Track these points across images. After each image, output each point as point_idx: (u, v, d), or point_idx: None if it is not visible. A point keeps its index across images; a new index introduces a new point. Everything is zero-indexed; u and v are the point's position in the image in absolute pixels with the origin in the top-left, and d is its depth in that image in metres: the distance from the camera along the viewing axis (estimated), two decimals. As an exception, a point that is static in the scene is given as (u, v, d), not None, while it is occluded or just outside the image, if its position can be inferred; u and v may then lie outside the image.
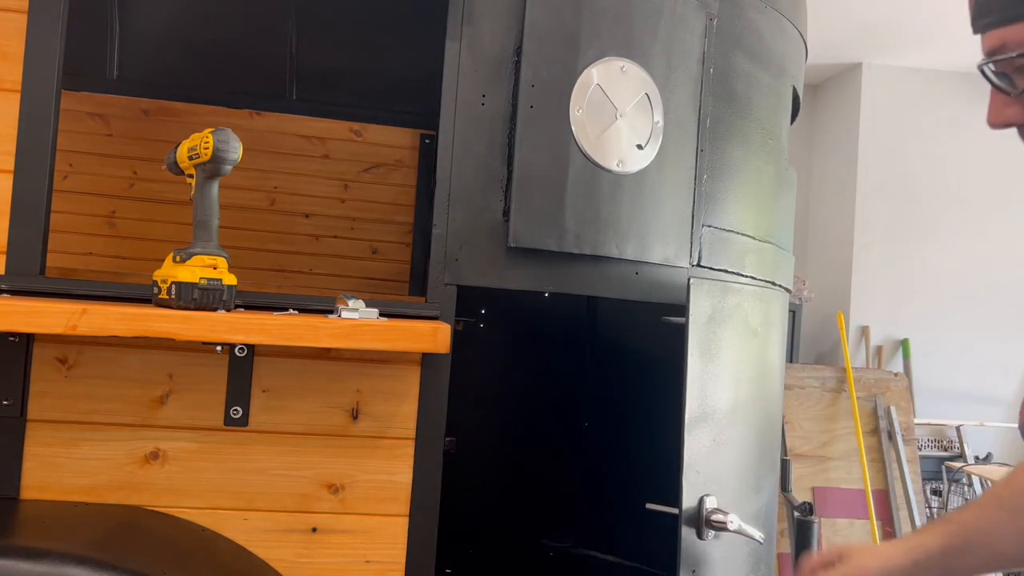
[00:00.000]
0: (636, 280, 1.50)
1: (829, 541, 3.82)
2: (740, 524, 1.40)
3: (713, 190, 1.59)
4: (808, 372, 4.04)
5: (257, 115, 2.54)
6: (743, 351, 1.57)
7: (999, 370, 4.51)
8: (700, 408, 1.45)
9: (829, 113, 4.82)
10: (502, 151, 1.40)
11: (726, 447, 1.51)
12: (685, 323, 1.41)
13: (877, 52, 4.38)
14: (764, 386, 1.68)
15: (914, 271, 4.49)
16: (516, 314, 2.28)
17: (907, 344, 4.44)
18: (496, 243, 1.39)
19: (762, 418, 1.67)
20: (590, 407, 2.26)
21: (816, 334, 4.62)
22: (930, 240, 4.50)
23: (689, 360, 1.42)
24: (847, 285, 4.49)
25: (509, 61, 1.40)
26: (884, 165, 4.51)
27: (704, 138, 1.57)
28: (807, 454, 3.91)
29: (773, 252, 1.80)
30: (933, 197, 4.51)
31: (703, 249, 1.57)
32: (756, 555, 1.62)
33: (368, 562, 1.33)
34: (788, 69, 1.83)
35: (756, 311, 1.60)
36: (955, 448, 4.40)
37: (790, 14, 1.82)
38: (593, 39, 1.44)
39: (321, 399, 1.33)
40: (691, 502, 1.40)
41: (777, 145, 1.81)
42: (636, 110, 1.47)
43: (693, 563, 1.41)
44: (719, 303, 1.50)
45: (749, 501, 1.56)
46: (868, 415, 4.03)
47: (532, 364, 2.35)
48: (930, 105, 4.54)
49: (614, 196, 1.46)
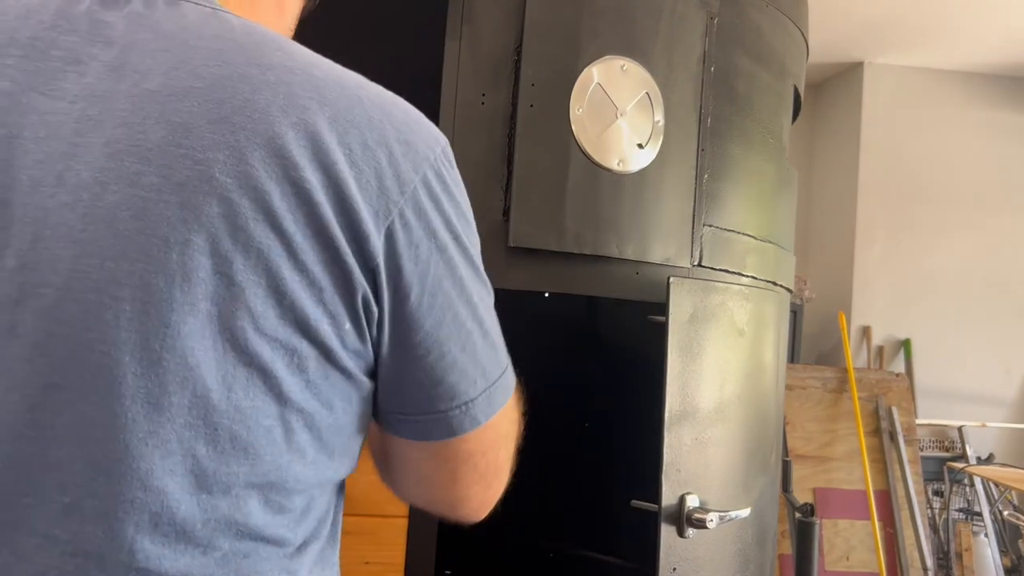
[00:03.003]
0: (636, 280, 1.49)
1: (830, 542, 3.82)
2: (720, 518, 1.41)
3: (714, 189, 1.59)
4: (809, 372, 4.04)
5: (257, 114, 2.53)
6: (728, 350, 1.57)
7: (1001, 371, 4.51)
8: (681, 406, 1.44)
9: (830, 112, 4.82)
10: (502, 150, 1.39)
11: (709, 446, 1.50)
12: (665, 322, 1.41)
13: (879, 51, 4.38)
14: (754, 385, 1.67)
15: (916, 271, 4.49)
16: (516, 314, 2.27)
17: (909, 344, 4.44)
18: (496, 243, 1.39)
19: (753, 417, 1.66)
20: (590, 407, 2.26)
21: (817, 334, 4.61)
22: (932, 240, 4.50)
23: (669, 359, 1.42)
24: (848, 285, 4.48)
25: (509, 60, 1.40)
26: (886, 165, 4.50)
27: (705, 137, 1.56)
28: (808, 455, 3.91)
29: (774, 252, 1.80)
30: (935, 197, 4.51)
31: (704, 249, 1.57)
32: (745, 555, 1.61)
33: (367, 563, 1.33)
34: (789, 68, 1.83)
35: (742, 310, 1.60)
36: (957, 449, 4.39)
37: (791, 13, 1.82)
38: (593, 38, 1.43)
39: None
40: (671, 500, 1.40)
41: (778, 144, 1.80)
42: (637, 109, 1.47)
43: (675, 561, 1.40)
44: (701, 302, 1.49)
45: (737, 499, 1.55)
46: (869, 416, 4.02)
47: (532, 364, 2.34)
48: (932, 105, 4.53)
49: (614, 196, 1.45)
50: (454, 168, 0.66)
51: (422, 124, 0.65)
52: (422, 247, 0.61)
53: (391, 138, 0.61)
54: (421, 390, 0.65)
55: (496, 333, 0.70)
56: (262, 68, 0.59)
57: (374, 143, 0.60)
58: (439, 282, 0.63)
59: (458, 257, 0.64)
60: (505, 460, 0.76)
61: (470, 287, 0.66)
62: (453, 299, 0.64)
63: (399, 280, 0.61)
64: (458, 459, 0.71)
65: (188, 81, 0.57)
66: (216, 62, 0.58)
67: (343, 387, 0.62)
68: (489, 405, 0.69)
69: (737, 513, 1.46)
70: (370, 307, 0.60)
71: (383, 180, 0.59)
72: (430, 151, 0.63)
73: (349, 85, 0.62)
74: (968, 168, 4.52)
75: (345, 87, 0.62)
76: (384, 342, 0.63)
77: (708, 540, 1.47)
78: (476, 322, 0.66)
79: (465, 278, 0.65)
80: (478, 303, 0.67)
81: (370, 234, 0.58)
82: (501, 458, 0.75)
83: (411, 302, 0.62)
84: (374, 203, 0.59)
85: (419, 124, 0.64)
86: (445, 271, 0.63)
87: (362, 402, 0.65)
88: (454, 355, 0.65)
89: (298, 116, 0.57)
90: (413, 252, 0.61)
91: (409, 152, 0.61)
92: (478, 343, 0.67)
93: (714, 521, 1.40)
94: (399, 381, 0.65)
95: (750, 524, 1.62)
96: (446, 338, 0.64)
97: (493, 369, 0.69)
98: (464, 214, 0.66)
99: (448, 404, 0.66)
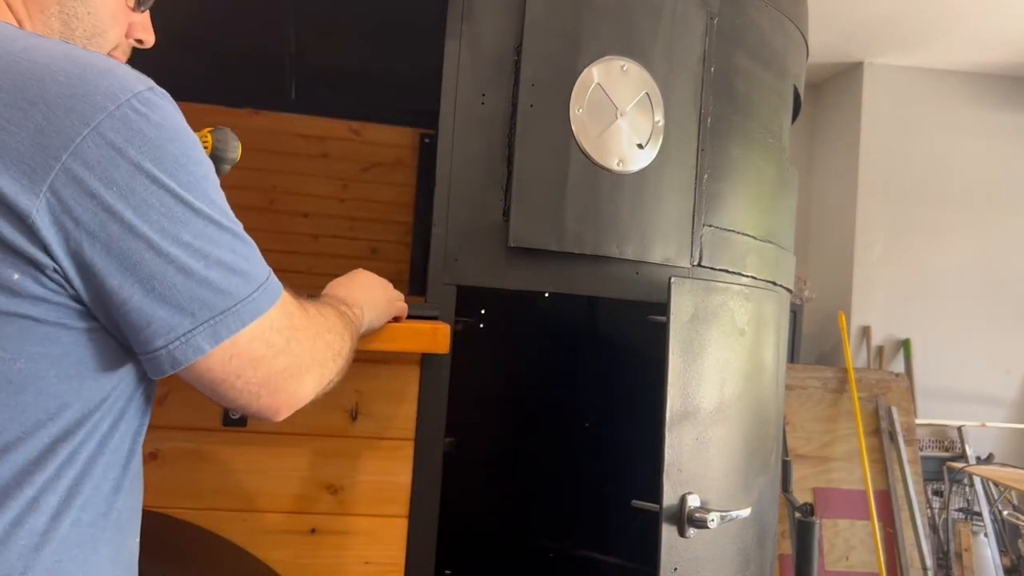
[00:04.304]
0: (636, 280, 1.49)
1: (830, 542, 3.82)
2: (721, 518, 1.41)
3: (714, 190, 1.59)
4: (809, 372, 4.03)
5: (256, 114, 2.53)
6: (729, 350, 1.56)
7: (1001, 370, 4.50)
8: (682, 406, 1.44)
9: (830, 112, 4.81)
10: (502, 150, 1.39)
11: (710, 446, 1.50)
12: (666, 322, 1.41)
13: (879, 51, 4.38)
14: (754, 385, 1.67)
15: (916, 271, 4.48)
16: (516, 314, 2.27)
17: (908, 344, 4.43)
18: (496, 243, 1.38)
19: (752, 417, 1.66)
20: (591, 407, 2.26)
21: (817, 334, 4.61)
22: (932, 240, 4.50)
23: (671, 359, 1.41)
24: (848, 285, 4.48)
25: (509, 60, 1.40)
26: (885, 165, 4.50)
27: (705, 137, 1.56)
28: (808, 455, 3.91)
29: (774, 252, 1.79)
30: (935, 197, 4.50)
31: (704, 249, 1.57)
32: (745, 554, 1.61)
33: (367, 563, 1.33)
34: (789, 68, 1.83)
35: (743, 310, 1.60)
36: (956, 449, 4.39)
37: (791, 13, 1.82)
38: (593, 38, 1.43)
39: (320, 399, 1.32)
40: (672, 500, 1.40)
41: (778, 144, 1.80)
42: (637, 109, 1.47)
43: (676, 560, 1.40)
44: (702, 302, 1.49)
45: (737, 499, 1.55)
46: (869, 416, 4.02)
47: (532, 364, 2.34)
48: (932, 104, 4.53)
49: (614, 196, 1.45)
50: (153, 110, 0.70)
51: (104, 77, 0.69)
52: (92, 199, 0.66)
53: (51, 96, 0.66)
54: (137, 332, 0.71)
55: (219, 264, 0.73)
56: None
57: (27, 103, 0.65)
58: (109, 228, 0.67)
59: (152, 198, 0.68)
60: (274, 375, 0.79)
61: (167, 226, 0.69)
62: (133, 244, 0.68)
63: (66, 234, 0.66)
64: (210, 384, 0.77)
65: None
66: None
67: (29, 331, 0.68)
68: (214, 335, 0.73)
69: (738, 513, 1.46)
70: (38, 259, 0.66)
71: (39, 137, 0.65)
72: (108, 101, 0.67)
73: (13, 52, 0.69)
74: (968, 168, 4.52)
75: (10, 55, 0.68)
76: (80, 290, 0.69)
77: (709, 540, 1.47)
78: (169, 261, 0.70)
79: (155, 218, 0.69)
80: (178, 241, 0.70)
81: (17, 192, 0.64)
82: (263, 375, 0.78)
83: (84, 253, 0.67)
84: (27, 160, 0.64)
85: (99, 78, 0.68)
86: (119, 217, 0.67)
87: (74, 344, 0.70)
88: (144, 297, 0.70)
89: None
90: (83, 205, 0.66)
91: (77, 106, 0.66)
92: (178, 281, 0.70)
93: (715, 521, 1.40)
94: (120, 326, 0.71)
95: (750, 524, 1.62)
96: (133, 282, 0.69)
97: (216, 301, 0.73)
98: (166, 153, 0.70)
99: (164, 340, 0.71)
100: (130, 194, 0.67)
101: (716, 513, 1.41)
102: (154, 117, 0.70)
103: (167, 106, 0.72)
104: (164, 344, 0.71)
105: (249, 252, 0.77)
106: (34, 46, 0.70)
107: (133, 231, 0.68)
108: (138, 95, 0.69)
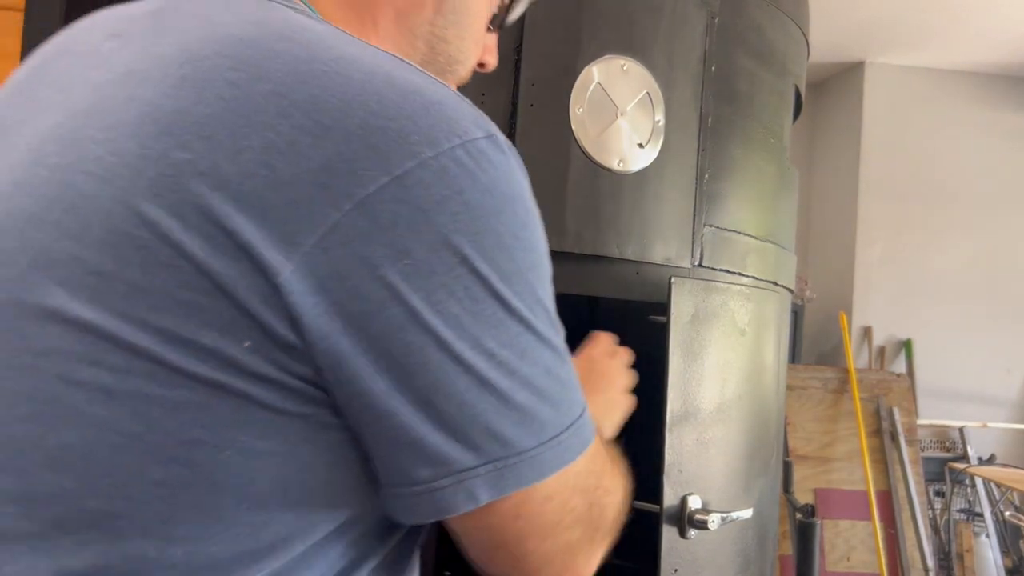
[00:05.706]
0: (637, 280, 1.49)
1: (831, 543, 3.81)
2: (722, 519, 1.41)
3: (715, 189, 1.58)
4: (810, 373, 4.03)
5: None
6: (730, 350, 1.56)
7: (1002, 371, 4.50)
8: (683, 407, 1.44)
9: (831, 112, 4.81)
10: (502, 150, 1.39)
11: (711, 446, 1.50)
12: (666, 322, 1.41)
13: (880, 51, 4.37)
14: (755, 386, 1.67)
15: (917, 271, 4.48)
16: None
17: (910, 345, 4.43)
18: (495, 243, 1.38)
19: (753, 418, 1.66)
20: (591, 408, 2.25)
21: (818, 335, 4.60)
22: (933, 240, 4.49)
23: (671, 359, 1.41)
24: (849, 285, 4.48)
25: (509, 59, 1.39)
26: (887, 164, 4.49)
27: (706, 137, 1.56)
28: (809, 455, 3.90)
29: (775, 252, 1.79)
30: (936, 196, 4.50)
31: (704, 249, 1.56)
32: (746, 556, 1.61)
33: (366, 564, 1.32)
34: (790, 67, 1.82)
35: (744, 310, 1.59)
36: (958, 449, 4.39)
37: (792, 12, 1.81)
38: (593, 37, 1.43)
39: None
40: (673, 501, 1.40)
41: (779, 144, 1.80)
42: (637, 109, 1.46)
43: (676, 562, 1.40)
44: (703, 302, 1.48)
45: (738, 500, 1.55)
46: (870, 416, 4.02)
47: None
48: (934, 104, 4.52)
49: (615, 195, 1.45)
50: (486, 167, 0.50)
51: (430, 113, 0.50)
52: (371, 270, 0.47)
53: (353, 124, 0.48)
54: (390, 457, 0.51)
55: (527, 386, 0.53)
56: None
57: (320, 128, 0.48)
58: (389, 312, 0.48)
59: (455, 284, 0.49)
60: (564, 549, 0.59)
61: (468, 324, 0.49)
62: (416, 339, 0.48)
63: (327, 308, 0.47)
64: (474, 544, 0.58)
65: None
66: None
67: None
68: (498, 483, 0.51)
69: (739, 514, 1.45)
70: (276, 332, 0.47)
71: (323, 175, 0.47)
72: (427, 146, 0.48)
73: (325, 61, 0.52)
74: (969, 168, 4.52)
75: (320, 64, 0.52)
76: (328, 380, 0.49)
77: (709, 541, 1.47)
78: (463, 371, 0.50)
79: (454, 311, 0.49)
80: (478, 346, 0.50)
81: (266, 239, 0.46)
82: (549, 548, 0.57)
83: (346, 338, 0.47)
84: (296, 199, 0.46)
85: (422, 112, 0.50)
86: (403, 300, 0.48)
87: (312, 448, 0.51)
88: (416, 412, 0.49)
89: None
90: (359, 274, 0.47)
91: (383, 144, 0.48)
92: (468, 399, 0.50)
93: (716, 522, 1.39)
94: (368, 444, 0.51)
95: (751, 525, 1.61)
96: (406, 389, 0.49)
97: (515, 436, 0.52)
98: (488, 228, 0.50)
99: (430, 475, 0.50)
100: (427, 273, 0.48)
101: (717, 514, 1.41)
102: (483, 178, 0.50)
103: (506, 163, 0.52)
104: (429, 479, 0.50)
105: (568, 376, 0.59)
106: (353, 58, 0.51)
107: (418, 321, 0.48)
108: (469, 143, 0.50)
